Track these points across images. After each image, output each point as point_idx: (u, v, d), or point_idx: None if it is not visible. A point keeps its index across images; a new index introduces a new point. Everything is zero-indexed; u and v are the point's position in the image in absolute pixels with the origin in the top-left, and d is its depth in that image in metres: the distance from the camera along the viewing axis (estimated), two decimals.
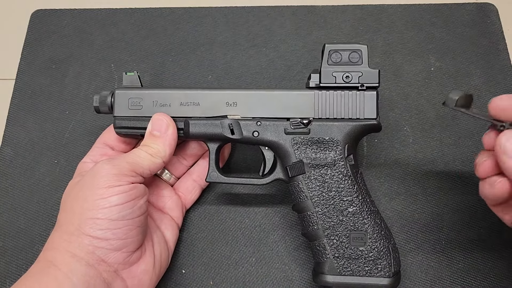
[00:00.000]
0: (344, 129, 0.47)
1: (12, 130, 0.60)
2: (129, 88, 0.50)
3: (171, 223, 0.51)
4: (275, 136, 0.48)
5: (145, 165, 0.45)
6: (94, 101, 0.50)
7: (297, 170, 0.47)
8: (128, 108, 0.49)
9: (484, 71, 0.61)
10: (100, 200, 0.42)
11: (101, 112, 0.51)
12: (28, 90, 0.62)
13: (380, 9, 0.65)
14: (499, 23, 0.64)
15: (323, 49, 0.47)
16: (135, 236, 0.43)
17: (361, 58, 0.47)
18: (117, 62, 0.63)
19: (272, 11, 0.66)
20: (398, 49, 0.63)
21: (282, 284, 0.52)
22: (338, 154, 0.47)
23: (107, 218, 0.41)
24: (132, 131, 0.49)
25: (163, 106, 0.49)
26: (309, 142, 0.47)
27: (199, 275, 0.52)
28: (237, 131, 0.48)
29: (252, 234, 0.54)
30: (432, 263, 0.52)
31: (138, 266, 0.45)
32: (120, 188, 0.42)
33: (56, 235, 0.43)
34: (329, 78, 0.47)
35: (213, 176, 0.50)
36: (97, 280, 0.41)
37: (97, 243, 0.41)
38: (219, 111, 0.49)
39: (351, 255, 0.45)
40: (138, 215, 0.43)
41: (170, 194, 0.53)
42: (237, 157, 0.58)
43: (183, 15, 0.66)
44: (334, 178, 0.46)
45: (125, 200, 0.42)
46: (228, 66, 0.62)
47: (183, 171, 0.55)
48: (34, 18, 0.67)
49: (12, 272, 0.53)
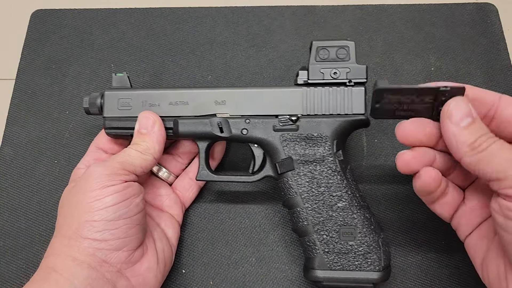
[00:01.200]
0: (332, 125, 0.47)
1: (12, 130, 0.60)
2: (119, 89, 0.51)
3: (172, 220, 0.51)
4: (264, 133, 0.48)
5: (136, 163, 0.45)
6: (84, 102, 0.50)
7: (286, 167, 0.47)
8: (118, 109, 0.50)
9: (484, 71, 0.61)
10: (95, 202, 0.42)
11: (91, 113, 0.51)
12: (28, 90, 0.62)
13: (380, 9, 0.65)
14: (499, 23, 0.64)
15: (311, 46, 0.48)
16: (134, 234, 0.43)
17: (348, 54, 0.47)
18: (117, 62, 0.63)
19: (272, 11, 0.66)
20: (398, 49, 0.63)
21: (282, 284, 0.52)
22: (327, 150, 0.47)
23: (104, 219, 0.41)
24: (122, 132, 0.50)
25: (152, 106, 0.49)
26: (298, 139, 0.47)
27: (199, 275, 0.52)
28: (226, 129, 0.48)
29: (252, 234, 0.54)
30: (432, 263, 0.52)
31: (142, 264, 0.45)
32: (114, 188, 0.42)
33: (56, 240, 0.43)
34: (317, 74, 0.47)
35: (203, 175, 0.50)
36: (100, 281, 0.41)
37: (97, 245, 0.41)
38: (208, 109, 0.49)
39: (341, 249, 0.45)
40: (135, 213, 0.43)
41: (168, 192, 0.53)
42: (232, 156, 0.58)
43: (183, 15, 0.66)
44: (323, 174, 0.47)
45: (120, 200, 0.42)
46: (227, 66, 0.62)
47: (181, 169, 0.55)
48: (34, 18, 0.67)
49: (12, 272, 0.53)
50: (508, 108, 0.39)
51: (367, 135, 0.58)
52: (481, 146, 0.37)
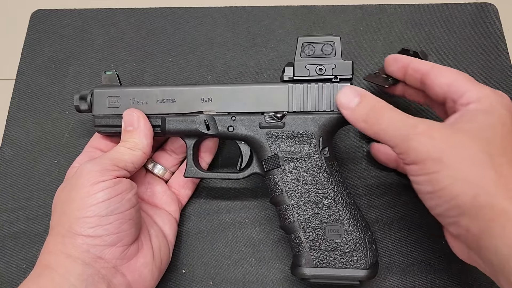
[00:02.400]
0: (318, 122, 0.47)
1: (12, 130, 0.60)
2: (107, 87, 0.51)
3: (168, 217, 0.51)
4: (250, 130, 0.48)
5: (126, 159, 0.46)
6: (75, 100, 0.51)
7: (272, 164, 0.47)
8: (107, 107, 0.50)
9: (484, 71, 0.61)
10: (87, 198, 0.42)
11: (82, 111, 0.51)
12: (28, 90, 0.62)
13: (380, 9, 0.65)
14: (499, 23, 0.64)
15: (297, 42, 0.48)
16: (128, 229, 0.44)
17: (334, 50, 0.47)
18: (117, 62, 0.63)
19: (272, 11, 0.66)
20: (398, 49, 0.63)
21: (282, 284, 0.52)
22: (313, 147, 0.47)
23: (96, 215, 0.42)
24: (111, 130, 0.50)
25: (140, 104, 0.50)
26: (283, 136, 0.48)
27: (199, 275, 0.52)
28: (212, 127, 0.49)
29: (252, 234, 0.54)
30: (432, 263, 0.52)
31: (137, 260, 0.45)
32: (105, 184, 0.43)
33: (50, 239, 0.43)
34: (302, 71, 0.48)
35: (191, 172, 0.51)
36: (95, 277, 0.41)
37: (91, 241, 0.42)
38: (195, 107, 0.49)
39: (327, 247, 0.46)
40: (127, 208, 0.44)
41: (164, 189, 0.53)
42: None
43: (183, 15, 0.66)
44: (309, 171, 0.47)
45: (112, 195, 0.43)
46: (227, 66, 0.62)
47: (176, 164, 0.55)
48: (34, 18, 0.67)
49: (12, 272, 0.53)
50: (438, 77, 0.44)
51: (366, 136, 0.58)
52: (373, 118, 0.40)
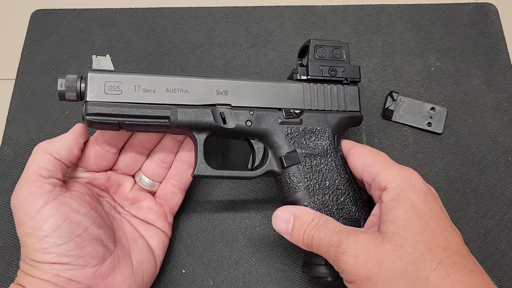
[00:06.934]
0: (333, 120, 0.49)
1: (12, 130, 0.60)
2: (105, 71, 0.46)
3: (157, 232, 0.49)
4: (269, 125, 0.48)
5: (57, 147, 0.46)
6: (59, 85, 0.44)
7: (292, 160, 0.47)
8: (105, 93, 0.44)
9: (484, 71, 0.61)
10: (37, 231, 0.41)
11: (66, 98, 0.45)
12: (28, 90, 0.62)
13: (380, 9, 0.65)
14: (499, 23, 0.64)
15: (309, 44, 0.49)
16: (93, 250, 0.42)
17: (343, 55, 0.50)
18: (117, 62, 0.63)
19: (272, 11, 0.66)
20: (398, 49, 0.63)
21: (282, 284, 0.52)
22: (329, 144, 0.48)
23: (53, 245, 0.40)
24: (108, 119, 0.44)
25: (146, 92, 0.45)
26: (302, 132, 0.48)
27: (199, 275, 0.52)
28: (230, 120, 0.47)
29: (252, 234, 0.54)
30: None
31: (114, 277, 0.43)
32: (47, 210, 0.41)
33: (22, 256, 0.42)
34: (316, 71, 0.49)
35: (202, 169, 0.47)
36: None
37: (58, 267, 0.40)
38: (209, 99, 0.47)
39: None
40: (83, 229, 0.42)
41: (149, 205, 0.50)
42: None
43: (183, 15, 0.66)
44: (327, 167, 0.47)
45: (59, 223, 0.41)
46: (227, 66, 0.62)
47: (163, 174, 0.52)
48: (34, 18, 0.67)
49: (13, 272, 0.53)
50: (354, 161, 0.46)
51: (367, 135, 0.58)
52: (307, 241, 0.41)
